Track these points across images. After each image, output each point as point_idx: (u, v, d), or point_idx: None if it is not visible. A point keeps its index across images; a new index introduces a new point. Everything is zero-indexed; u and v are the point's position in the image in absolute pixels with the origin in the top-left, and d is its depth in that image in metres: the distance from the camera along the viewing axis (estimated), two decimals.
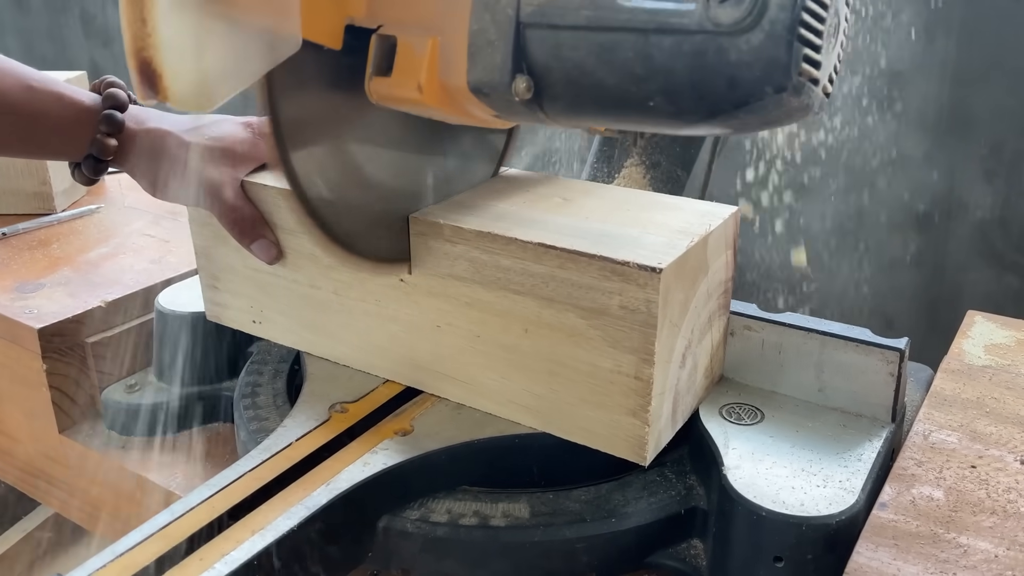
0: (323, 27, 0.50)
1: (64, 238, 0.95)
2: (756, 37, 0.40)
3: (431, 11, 0.48)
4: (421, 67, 0.48)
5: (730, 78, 0.41)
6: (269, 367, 0.73)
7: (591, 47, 0.44)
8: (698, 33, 0.41)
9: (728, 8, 0.40)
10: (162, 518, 0.52)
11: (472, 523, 0.56)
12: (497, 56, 0.46)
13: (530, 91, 0.46)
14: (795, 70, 0.41)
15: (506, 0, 0.45)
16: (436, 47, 0.48)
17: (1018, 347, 0.70)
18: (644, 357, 0.54)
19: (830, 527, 0.52)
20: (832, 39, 0.43)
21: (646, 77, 0.43)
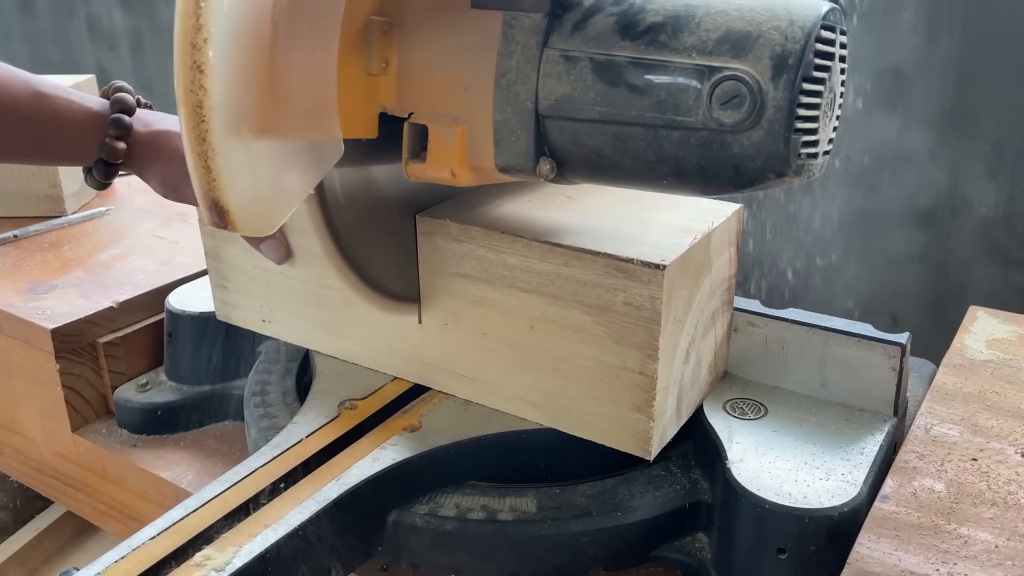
0: (360, 123, 0.54)
1: (75, 240, 0.97)
2: (756, 134, 0.44)
3: (456, 103, 0.51)
4: (452, 154, 0.52)
5: (735, 167, 0.45)
6: (278, 365, 0.74)
7: (606, 137, 0.48)
8: (703, 130, 0.45)
9: (729, 110, 0.44)
10: (175, 513, 0.53)
11: (480, 517, 0.57)
12: (521, 144, 0.50)
13: (553, 171, 0.50)
14: (794, 157, 0.44)
15: (525, 94, 0.48)
16: (464, 135, 0.51)
17: (1019, 342, 0.71)
18: (648, 353, 0.55)
19: (833, 519, 0.53)
20: (829, 114, 0.47)
21: (658, 162, 0.47)
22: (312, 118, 0.50)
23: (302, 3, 0.48)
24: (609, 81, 0.46)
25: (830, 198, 1.59)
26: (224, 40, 0.45)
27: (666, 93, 0.45)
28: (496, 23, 0.49)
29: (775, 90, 0.43)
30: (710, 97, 0.44)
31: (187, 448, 0.76)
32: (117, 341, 0.80)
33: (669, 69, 0.45)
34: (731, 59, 0.44)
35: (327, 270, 0.67)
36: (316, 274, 0.68)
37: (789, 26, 0.43)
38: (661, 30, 0.45)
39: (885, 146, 1.54)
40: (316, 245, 0.65)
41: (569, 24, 0.48)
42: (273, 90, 0.48)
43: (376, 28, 0.52)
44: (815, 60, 0.44)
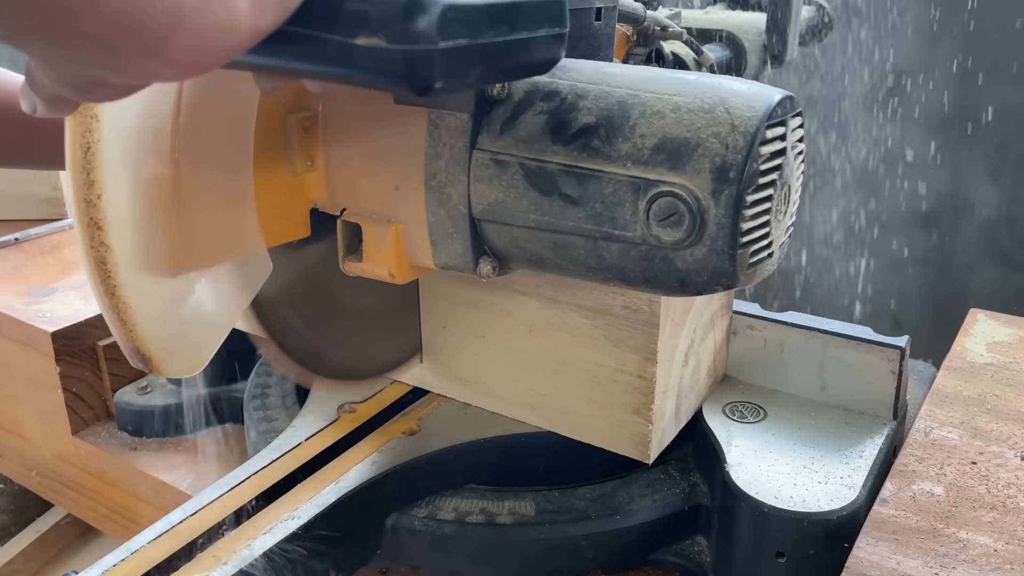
0: (290, 225, 0.51)
1: (75, 244, 0.97)
2: (699, 251, 0.41)
3: (387, 203, 0.48)
4: (389, 254, 0.49)
5: (680, 280, 0.42)
6: None
7: (545, 243, 0.45)
8: (642, 244, 0.42)
9: (668, 228, 0.41)
10: (175, 516, 0.53)
11: (479, 521, 0.57)
12: (458, 246, 0.47)
13: (495, 271, 0.47)
14: (742, 271, 0.41)
15: (457, 198, 0.45)
16: (399, 235, 0.48)
17: (1020, 345, 0.71)
18: (647, 356, 0.55)
19: (831, 523, 0.52)
20: (783, 208, 0.43)
21: (601, 269, 0.44)
22: (230, 242, 0.47)
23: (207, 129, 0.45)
24: (542, 189, 0.43)
25: (832, 201, 1.59)
26: (120, 191, 0.42)
27: (601, 206, 0.42)
28: (421, 121, 0.45)
29: (716, 207, 0.39)
30: (647, 213, 0.41)
31: (187, 451, 0.76)
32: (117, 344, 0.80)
33: (603, 180, 0.41)
34: (668, 171, 0.40)
35: None
36: None
37: (730, 132, 0.39)
38: (594, 133, 0.42)
39: (888, 148, 1.54)
40: None
41: (498, 122, 0.44)
42: (182, 229, 0.45)
43: (296, 126, 0.48)
44: (761, 166, 0.40)
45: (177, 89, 0.43)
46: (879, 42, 1.48)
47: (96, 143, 0.41)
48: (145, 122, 0.42)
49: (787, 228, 0.45)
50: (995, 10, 1.38)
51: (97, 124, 0.41)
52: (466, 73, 0.35)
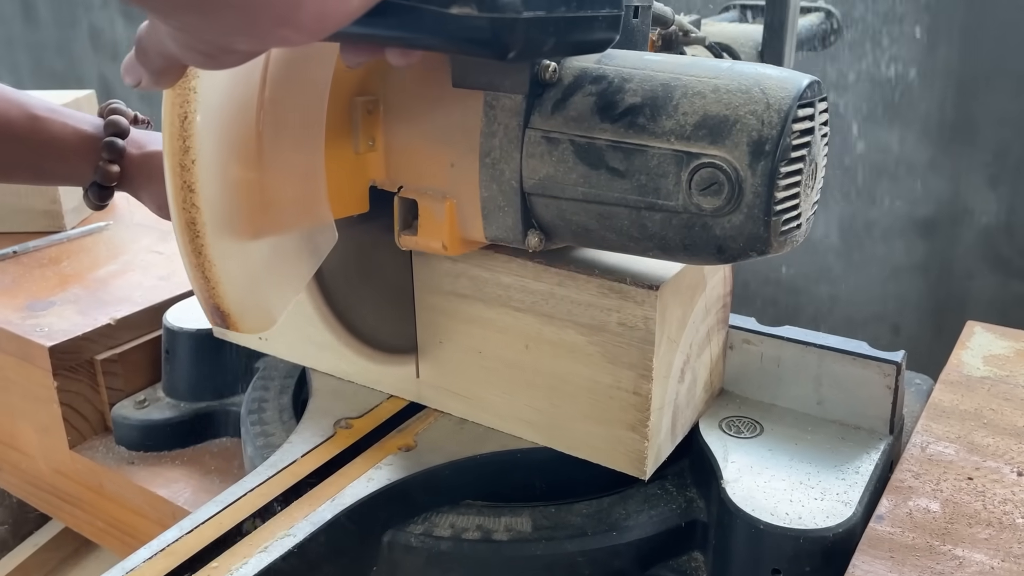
0: (351, 200, 0.55)
1: (74, 256, 0.97)
2: (737, 219, 0.44)
3: (443, 179, 0.52)
4: (443, 227, 0.52)
5: (718, 247, 0.46)
6: (275, 382, 0.74)
7: (591, 214, 0.48)
8: (684, 213, 0.45)
9: (708, 196, 0.44)
10: (170, 534, 0.53)
11: (475, 537, 0.57)
12: (508, 219, 0.50)
13: (542, 243, 0.51)
14: (775, 237, 0.45)
15: (510, 173, 0.49)
16: (453, 209, 0.52)
17: (1017, 358, 0.71)
18: (642, 373, 0.55)
19: (827, 540, 0.52)
20: (810, 184, 0.47)
21: (643, 239, 0.48)
22: (303, 211, 0.51)
23: (287, 106, 0.48)
24: (590, 163, 0.47)
25: (831, 208, 1.59)
26: (212, 158, 0.46)
27: (646, 177, 0.45)
28: (478, 103, 0.49)
29: (753, 176, 0.43)
30: (689, 183, 0.44)
31: (185, 465, 0.76)
32: (115, 358, 0.80)
33: (648, 154, 0.45)
34: (709, 145, 0.44)
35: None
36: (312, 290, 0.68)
37: (766, 110, 0.43)
38: (640, 112, 0.45)
39: (886, 155, 1.54)
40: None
41: (549, 103, 0.48)
42: (263, 196, 0.49)
43: (360, 108, 0.52)
44: (793, 141, 0.43)
45: (263, 69, 0.47)
46: (876, 49, 1.48)
47: (193, 112, 0.45)
48: (235, 98, 0.47)
49: (814, 203, 0.49)
50: (993, 17, 1.38)
51: (195, 96, 0.45)
52: (542, 42, 0.41)
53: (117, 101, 0.71)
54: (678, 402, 0.60)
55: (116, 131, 0.68)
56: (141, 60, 0.38)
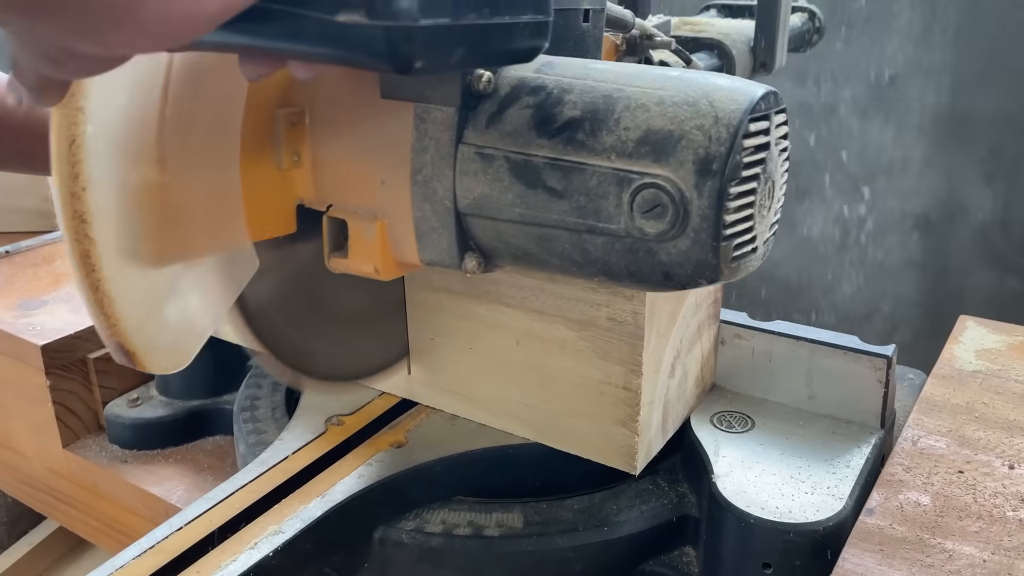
0: (274, 222, 0.50)
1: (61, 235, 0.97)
2: (683, 244, 0.41)
3: (373, 197, 0.48)
4: (374, 250, 0.49)
5: (664, 273, 0.42)
6: (268, 380, 0.74)
7: (530, 237, 0.45)
8: (626, 237, 0.42)
9: (651, 220, 0.41)
10: (160, 532, 0.53)
11: (466, 533, 0.57)
12: (443, 241, 0.47)
13: (480, 266, 0.47)
14: (726, 264, 0.41)
15: (443, 192, 0.45)
16: (384, 230, 0.48)
17: (1009, 352, 0.71)
18: (632, 368, 0.55)
19: (817, 533, 0.52)
20: (767, 203, 0.43)
21: (585, 264, 0.44)
22: (214, 234, 0.47)
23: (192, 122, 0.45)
24: (527, 182, 0.43)
25: (827, 206, 1.59)
26: (106, 183, 0.42)
27: (585, 198, 0.42)
28: (408, 116, 0.45)
29: (699, 198, 0.40)
30: (631, 205, 0.41)
31: (178, 463, 0.76)
32: (108, 356, 0.79)
33: (587, 173, 0.42)
34: (652, 163, 0.40)
35: None
36: None
37: (714, 124, 0.40)
38: (579, 127, 0.42)
39: (881, 152, 1.54)
40: None
41: (484, 116, 0.44)
42: (166, 220, 0.45)
43: (283, 121, 0.48)
44: (744, 159, 0.40)
45: (164, 83, 0.43)
46: (873, 45, 1.48)
47: (81, 136, 0.41)
48: (131, 115, 0.43)
49: (772, 224, 0.45)
50: (989, 14, 1.38)
51: (83, 117, 0.41)
52: (448, 53, 0.36)
53: None
54: (668, 397, 0.60)
55: None
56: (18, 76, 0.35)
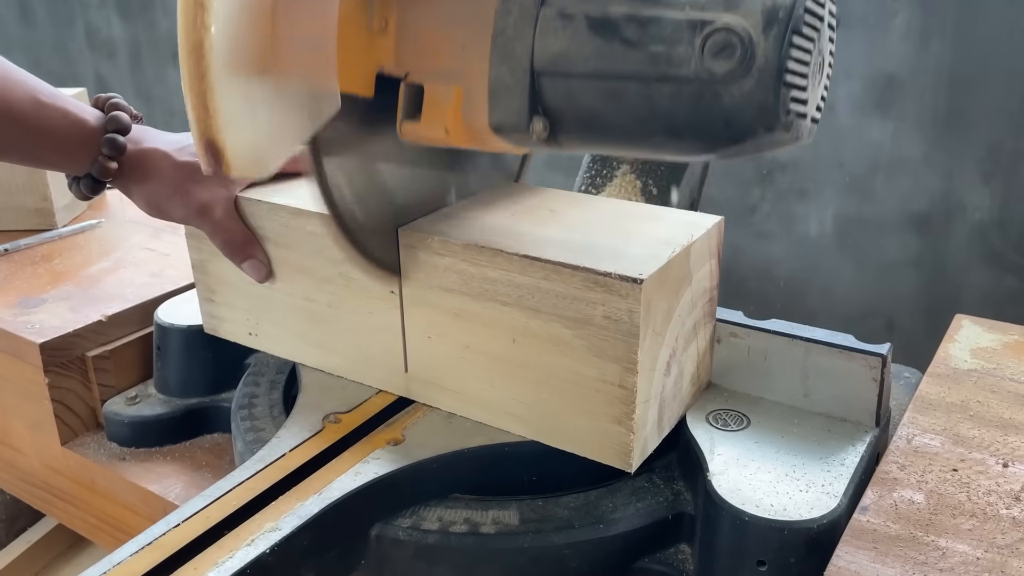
0: (357, 79, 0.53)
1: (66, 253, 0.97)
2: (747, 84, 0.44)
3: (453, 62, 0.52)
4: (447, 112, 0.52)
5: (725, 120, 0.46)
6: (266, 378, 0.74)
7: (599, 93, 0.48)
8: (695, 81, 0.45)
9: (720, 60, 0.44)
10: (157, 528, 0.53)
11: (462, 530, 0.57)
12: (515, 101, 0.50)
13: (546, 130, 0.50)
14: (783, 110, 0.45)
15: (521, 51, 0.49)
16: (459, 94, 0.52)
17: (1004, 350, 0.71)
18: (627, 366, 0.55)
19: (812, 531, 0.53)
20: (817, 76, 0.47)
21: (650, 118, 0.47)
22: (311, 63, 0.51)
23: None
24: (604, 36, 0.47)
25: (825, 203, 1.59)
26: None
27: (660, 46, 0.46)
28: None
29: (765, 41, 0.44)
30: (702, 49, 0.45)
31: (176, 461, 0.76)
32: (106, 355, 0.80)
33: (663, 23, 0.46)
34: (723, 11, 0.44)
35: (311, 283, 0.67)
36: (301, 287, 0.69)
37: None
38: None
39: (880, 151, 1.54)
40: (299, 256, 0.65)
41: None
42: (274, 30, 0.48)
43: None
44: (805, 16, 0.44)
45: None
46: (871, 44, 1.48)
47: None
48: None
49: (818, 106, 0.49)
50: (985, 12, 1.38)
51: None
52: None
53: (117, 96, 0.70)
54: (664, 395, 0.60)
55: (118, 127, 0.67)
56: None
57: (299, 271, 0.68)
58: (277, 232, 0.68)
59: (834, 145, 1.56)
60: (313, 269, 0.67)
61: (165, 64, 2.43)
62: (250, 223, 0.69)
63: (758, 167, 1.63)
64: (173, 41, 0.49)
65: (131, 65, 2.59)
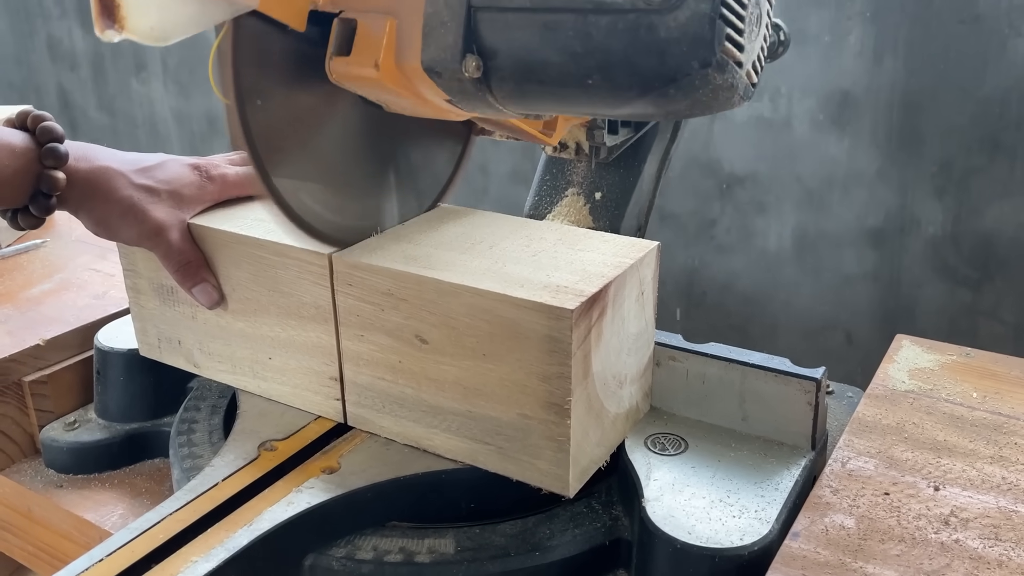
0: (291, 9, 0.53)
1: (7, 274, 0.95)
2: (683, 15, 0.44)
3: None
4: (379, 47, 0.51)
5: (660, 53, 0.45)
6: (207, 403, 0.73)
7: (535, 27, 0.47)
8: (631, 12, 0.45)
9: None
10: (80, 564, 0.52)
11: (397, 560, 0.57)
12: (449, 36, 0.49)
13: (479, 70, 0.49)
14: (718, 46, 0.45)
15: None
16: (393, 28, 0.51)
17: (941, 371, 0.72)
18: (563, 394, 0.55)
19: (743, 558, 0.53)
20: (754, 27, 0.47)
21: (585, 54, 0.47)
22: None
23: None
24: None
25: (784, 218, 1.61)
26: None
27: None
28: None
29: None
30: None
31: (115, 488, 0.75)
32: (44, 379, 0.79)
33: None
34: None
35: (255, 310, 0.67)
36: (242, 313, 0.68)
37: None
38: None
39: (836, 167, 1.56)
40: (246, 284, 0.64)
41: None
42: None
43: None
44: None
45: None
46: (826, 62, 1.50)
47: None
48: None
49: (757, 58, 0.49)
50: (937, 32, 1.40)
51: None
52: None
53: (37, 110, 0.68)
54: (603, 421, 0.60)
55: (53, 137, 0.65)
56: None
57: (241, 298, 0.67)
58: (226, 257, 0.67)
59: (792, 160, 1.57)
60: (256, 296, 0.66)
61: (128, 75, 2.41)
62: (201, 252, 0.68)
63: (718, 181, 1.64)
64: (136, 53, 0.47)
65: (94, 76, 2.56)
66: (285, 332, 0.66)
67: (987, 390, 0.69)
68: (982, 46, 1.38)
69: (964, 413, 0.66)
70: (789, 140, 1.57)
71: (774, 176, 1.62)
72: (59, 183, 0.65)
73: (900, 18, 1.42)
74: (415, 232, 0.65)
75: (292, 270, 0.63)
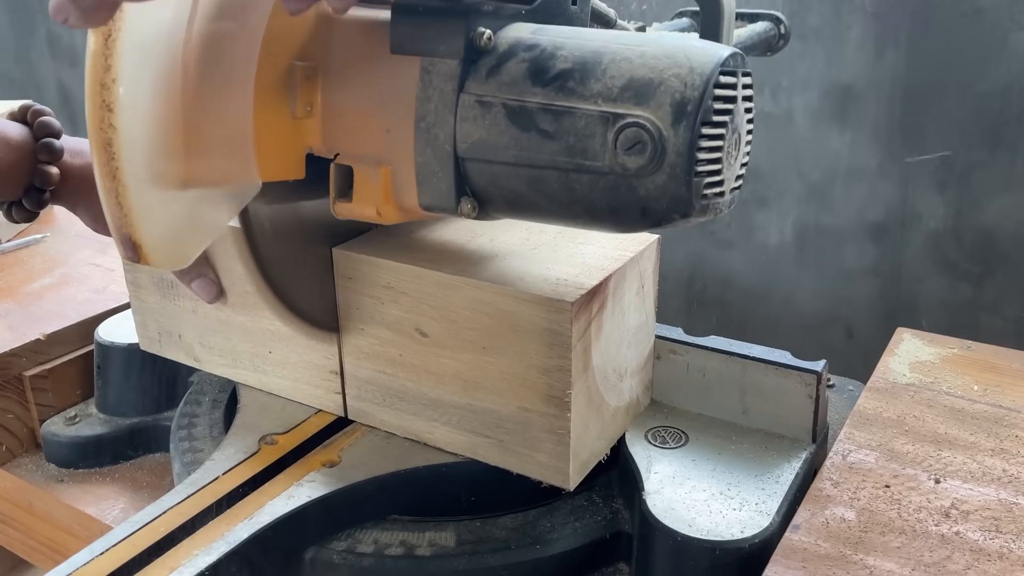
0: (286, 165, 0.55)
1: (8, 269, 0.95)
2: (660, 178, 0.45)
3: (379, 145, 0.52)
4: (377, 193, 0.53)
5: (642, 209, 0.47)
6: (208, 397, 0.73)
7: (522, 179, 0.49)
8: (610, 174, 0.46)
9: (632, 155, 0.45)
10: (81, 558, 0.52)
11: (397, 553, 0.57)
12: (442, 184, 0.51)
13: (475, 210, 0.51)
14: (697, 199, 0.46)
15: (444, 137, 0.50)
16: (388, 176, 0.53)
17: (942, 364, 0.72)
18: (564, 386, 0.55)
19: (743, 551, 0.53)
20: (733, 153, 0.48)
21: (571, 203, 0.49)
22: (229, 165, 0.51)
23: (213, 48, 0.48)
24: (522, 126, 0.48)
25: (785, 212, 1.61)
26: (133, 80, 0.46)
27: (574, 138, 0.46)
28: (415, 68, 0.50)
29: (675, 136, 0.44)
30: (615, 143, 0.45)
31: (116, 482, 0.75)
32: (44, 374, 0.79)
33: (576, 115, 0.46)
34: (634, 106, 0.45)
35: (255, 304, 0.67)
36: (242, 307, 0.68)
37: (688, 73, 0.45)
38: (570, 76, 0.47)
39: (837, 160, 1.55)
40: (245, 279, 0.64)
41: (484, 69, 0.49)
42: (185, 135, 0.48)
43: (299, 73, 0.53)
44: (714, 105, 0.45)
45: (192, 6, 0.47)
46: (827, 57, 1.49)
47: (117, 32, 0.45)
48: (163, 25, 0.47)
49: (737, 176, 0.50)
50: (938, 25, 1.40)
51: (121, 15, 0.45)
52: None
53: (38, 104, 0.69)
54: (603, 414, 0.60)
55: (49, 132, 0.66)
56: None
57: (241, 292, 0.67)
58: (221, 258, 0.67)
59: (793, 154, 1.57)
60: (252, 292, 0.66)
61: None
62: None
63: None
64: None
65: None
66: (288, 327, 0.66)
67: (988, 383, 0.69)
68: (983, 40, 1.37)
69: (965, 406, 0.66)
70: (790, 134, 1.57)
71: (775, 170, 1.62)
72: (52, 178, 0.65)
73: (901, 12, 1.42)
74: (415, 226, 0.65)
75: None
